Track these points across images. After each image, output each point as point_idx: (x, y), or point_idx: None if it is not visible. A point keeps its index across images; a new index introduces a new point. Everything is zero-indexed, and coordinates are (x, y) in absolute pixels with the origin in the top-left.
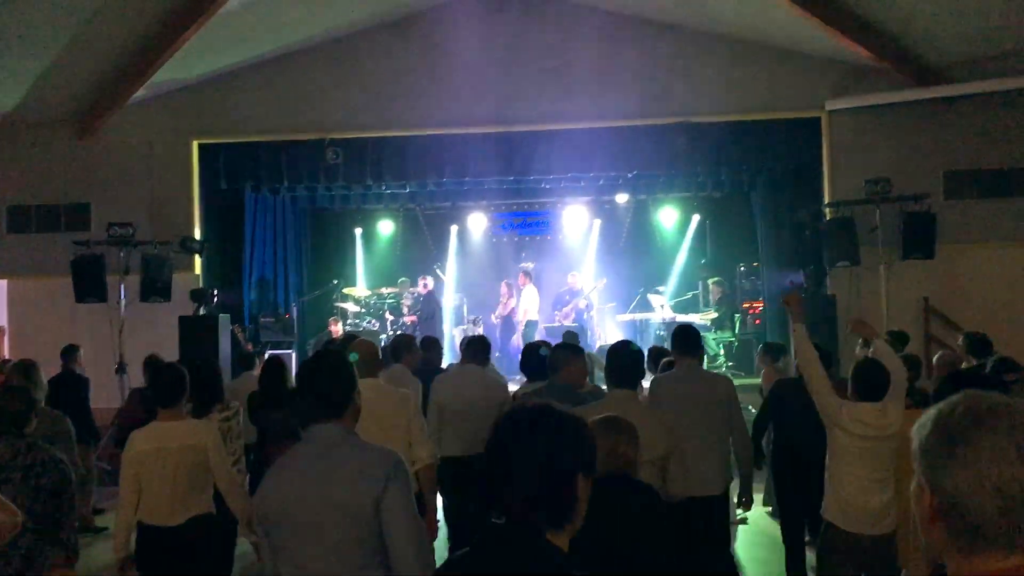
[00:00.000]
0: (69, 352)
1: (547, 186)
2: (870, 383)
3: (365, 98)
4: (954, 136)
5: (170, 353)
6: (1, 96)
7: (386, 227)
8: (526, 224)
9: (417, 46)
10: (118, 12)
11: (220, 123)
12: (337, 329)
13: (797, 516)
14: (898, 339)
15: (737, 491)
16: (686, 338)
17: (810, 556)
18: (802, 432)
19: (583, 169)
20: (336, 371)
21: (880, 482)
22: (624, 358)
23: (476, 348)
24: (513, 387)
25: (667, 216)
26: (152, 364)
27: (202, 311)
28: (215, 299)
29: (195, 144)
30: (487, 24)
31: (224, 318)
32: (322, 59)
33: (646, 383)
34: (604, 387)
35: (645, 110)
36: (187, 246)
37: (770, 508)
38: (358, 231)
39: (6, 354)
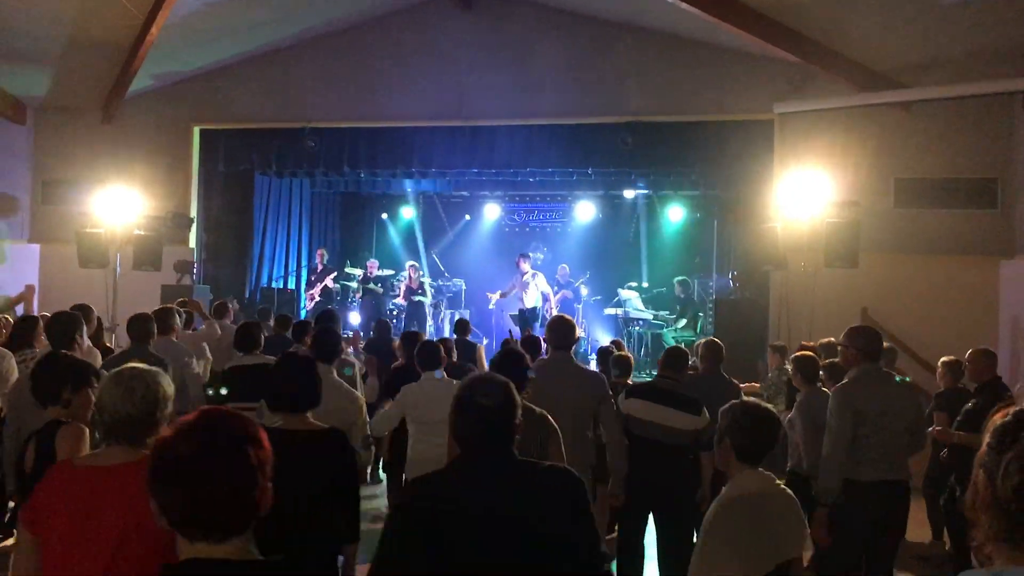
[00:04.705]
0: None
1: (520, 179)
2: None
3: (341, 91)
4: (903, 142)
5: None
6: (31, 86)
7: (408, 212)
8: (520, 216)
9: (388, 44)
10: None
11: (219, 112)
12: None
13: None
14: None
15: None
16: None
17: None
18: None
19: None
20: None
21: None
22: None
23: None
24: None
25: (671, 213)
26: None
27: (187, 281)
28: (195, 271)
29: (196, 129)
30: (455, 22)
31: (202, 288)
32: (306, 56)
33: None
34: None
35: (601, 109)
36: (179, 222)
37: None
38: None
39: (34, 309)
